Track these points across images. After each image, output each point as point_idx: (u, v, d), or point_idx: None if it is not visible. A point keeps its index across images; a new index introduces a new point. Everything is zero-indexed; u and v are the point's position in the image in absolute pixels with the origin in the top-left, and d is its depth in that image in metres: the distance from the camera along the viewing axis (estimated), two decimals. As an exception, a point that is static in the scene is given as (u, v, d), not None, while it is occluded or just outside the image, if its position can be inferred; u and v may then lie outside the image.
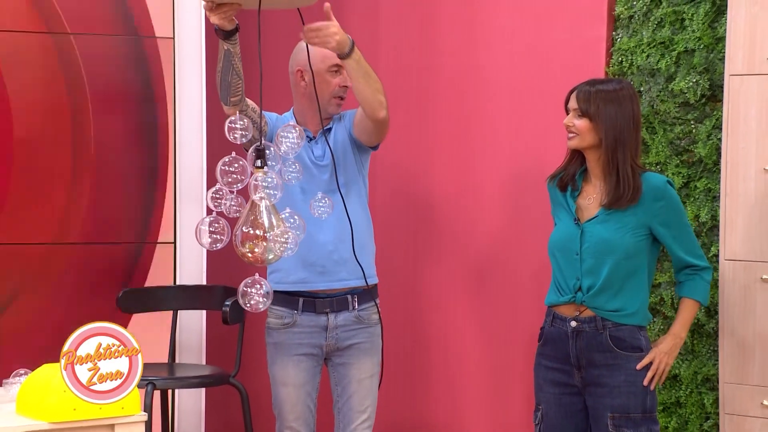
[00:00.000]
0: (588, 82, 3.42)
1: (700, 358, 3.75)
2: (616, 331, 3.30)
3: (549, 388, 3.41)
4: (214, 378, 4.07)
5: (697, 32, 3.73)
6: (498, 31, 4.21)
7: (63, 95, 4.29)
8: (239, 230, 2.91)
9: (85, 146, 4.33)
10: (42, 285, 4.28)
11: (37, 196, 4.25)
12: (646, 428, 3.28)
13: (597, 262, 3.32)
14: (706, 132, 3.73)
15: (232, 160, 2.92)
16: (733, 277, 3.51)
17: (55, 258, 4.28)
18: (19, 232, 4.23)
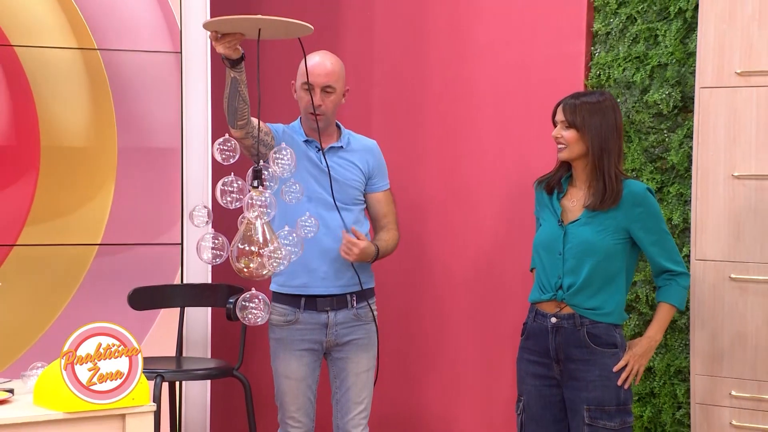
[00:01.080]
0: (573, 95, 3.42)
1: (673, 352, 3.76)
2: (593, 328, 3.31)
3: (530, 380, 3.42)
4: (219, 370, 4.04)
5: (669, 48, 3.75)
6: (484, 46, 4.21)
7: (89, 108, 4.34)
8: (235, 246, 2.92)
9: (109, 155, 4.36)
10: (58, 284, 4.33)
11: (63, 203, 4.28)
12: (620, 420, 3.29)
13: (578, 262, 3.33)
14: (678, 141, 3.75)
15: (231, 180, 2.97)
16: (704, 276, 3.52)
17: (75, 259, 4.32)
18: (44, 235, 4.27)
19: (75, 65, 4.31)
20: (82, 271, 4.34)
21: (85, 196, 4.34)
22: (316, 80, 3.66)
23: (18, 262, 4.25)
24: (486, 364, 4.25)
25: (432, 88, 4.37)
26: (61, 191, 4.29)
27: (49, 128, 4.28)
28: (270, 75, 4.51)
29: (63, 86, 4.29)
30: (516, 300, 4.12)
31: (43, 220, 4.27)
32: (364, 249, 3.60)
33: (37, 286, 4.26)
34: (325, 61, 3.71)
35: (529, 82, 4.09)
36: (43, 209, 4.27)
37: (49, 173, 4.28)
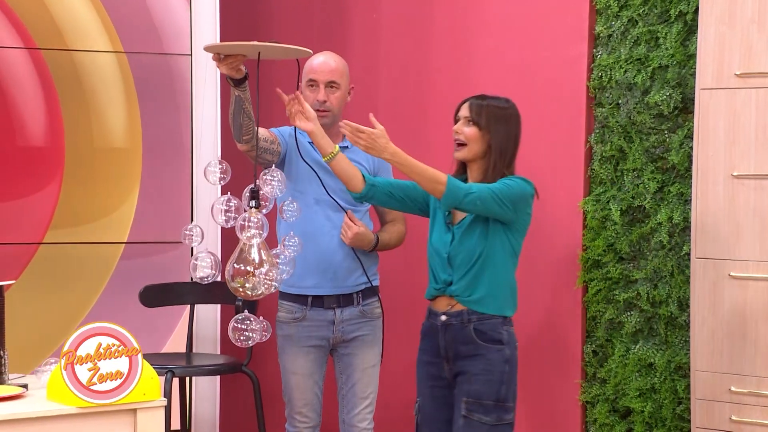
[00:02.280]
0: (479, 96, 3.39)
1: (673, 348, 3.78)
2: (480, 324, 3.28)
3: (425, 381, 3.39)
4: (228, 366, 4.06)
5: (670, 50, 3.76)
6: (488, 48, 4.22)
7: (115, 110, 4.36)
8: (230, 266, 2.93)
9: (131, 155, 4.38)
10: (71, 282, 4.34)
11: (87, 203, 4.31)
12: (496, 416, 3.24)
13: (465, 257, 3.29)
14: (679, 141, 3.76)
15: (227, 199, 2.98)
16: (703, 274, 3.53)
17: (88, 257, 4.34)
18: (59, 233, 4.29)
19: (101, 67, 4.33)
20: (110, 269, 4.36)
21: (111, 197, 4.36)
22: (321, 77, 3.68)
23: (44, 260, 4.26)
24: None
25: (437, 90, 4.38)
26: (86, 192, 4.31)
27: (73, 130, 4.30)
28: (275, 81, 4.52)
29: (88, 88, 4.31)
30: (520, 294, 4.12)
31: (68, 221, 4.30)
32: (359, 233, 3.61)
33: (63, 284, 4.27)
34: (329, 59, 3.73)
35: (533, 83, 4.10)
36: (68, 210, 4.28)
37: (74, 174, 4.30)
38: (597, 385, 3.95)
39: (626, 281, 3.88)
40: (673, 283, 3.77)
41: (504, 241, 3.33)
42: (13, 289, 4.17)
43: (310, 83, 3.68)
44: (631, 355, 3.84)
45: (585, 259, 3.96)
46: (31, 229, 4.25)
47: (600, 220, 3.92)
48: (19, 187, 4.26)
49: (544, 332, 4.08)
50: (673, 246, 3.78)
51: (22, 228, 4.25)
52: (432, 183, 3.24)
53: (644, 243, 3.85)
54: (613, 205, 3.88)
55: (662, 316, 3.80)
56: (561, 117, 4.02)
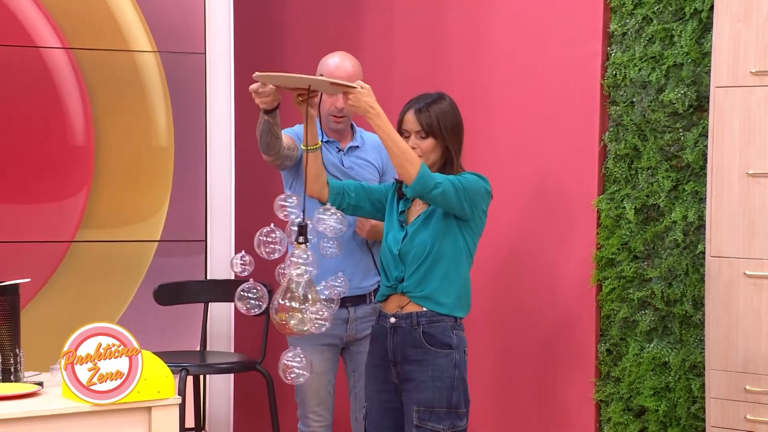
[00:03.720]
0: (416, 100, 3.28)
1: (688, 347, 3.76)
2: (429, 327, 3.20)
3: (373, 386, 3.31)
4: (242, 365, 4.07)
5: (685, 48, 3.74)
6: (501, 46, 4.22)
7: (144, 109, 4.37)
8: (276, 301, 2.91)
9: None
10: (76, 279, 4.35)
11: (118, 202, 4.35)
12: (449, 423, 3.16)
13: (416, 253, 3.22)
14: (694, 139, 3.74)
15: (269, 231, 2.95)
16: (718, 273, 3.52)
17: (90, 255, 4.36)
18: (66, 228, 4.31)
19: (131, 67, 4.35)
20: (143, 267, 4.38)
21: (142, 195, 4.38)
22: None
23: (77, 258, 4.30)
24: (502, 359, 4.24)
25: (450, 89, 4.29)
26: (116, 191, 4.34)
27: (103, 129, 4.31)
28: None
29: (116, 87, 4.33)
30: (532, 296, 4.12)
31: (98, 220, 4.32)
32: (375, 225, 3.59)
33: (97, 282, 4.28)
34: (345, 63, 3.70)
35: (546, 82, 4.10)
36: (98, 209, 4.30)
37: (104, 174, 4.31)
38: (611, 384, 3.93)
39: (640, 280, 3.87)
40: (687, 281, 3.75)
41: (458, 238, 3.26)
42: (46, 287, 4.22)
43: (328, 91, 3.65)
44: (646, 354, 3.83)
45: (599, 258, 3.94)
46: (64, 227, 4.29)
47: (614, 218, 3.91)
48: (53, 187, 4.28)
49: (558, 331, 4.07)
50: (687, 244, 3.76)
51: (57, 227, 4.28)
52: (406, 161, 3.14)
53: (658, 241, 3.84)
54: (627, 204, 3.87)
55: (677, 314, 3.78)
56: (575, 115, 4.01)
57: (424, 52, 4.47)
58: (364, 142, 3.80)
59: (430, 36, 4.45)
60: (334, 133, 3.73)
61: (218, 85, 4.43)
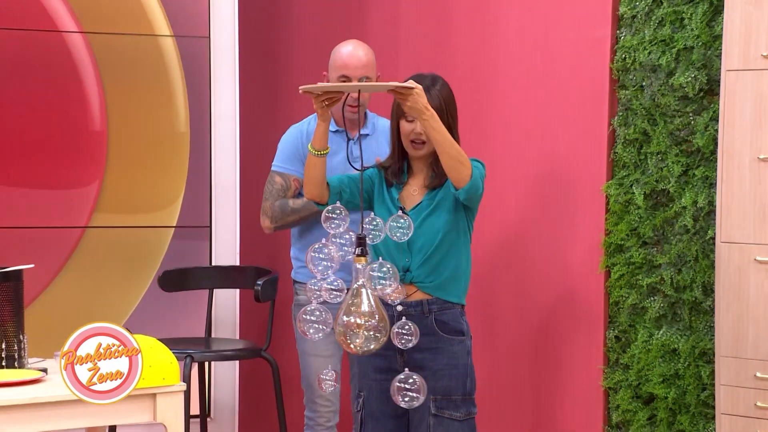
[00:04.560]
0: (420, 81, 3.11)
1: (698, 334, 3.75)
2: (441, 315, 3.17)
3: (371, 374, 3.24)
4: (247, 351, 4.08)
5: (695, 30, 3.71)
6: (510, 30, 4.19)
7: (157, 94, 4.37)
8: (341, 319, 2.85)
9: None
10: (91, 265, 4.35)
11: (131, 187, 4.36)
12: (465, 410, 3.16)
13: (426, 243, 3.17)
14: (704, 123, 3.72)
15: (321, 246, 2.91)
16: (728, 258, 3.50)
17: (105, 240, 4.35)
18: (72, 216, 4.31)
19: (146, 51, 4.34)
20: (160, 253, 4.40)
21: (154, 180, 4.38)
22: (354, 73, 3.64)
23: (91, 244, 4.32)
24: (510, 346, 4.22)
25: (458, 73, 4.36)
26: (130, 176, 4.34)
27: (117, 113, 4.31)
28: (300, 64, 4.51)
29: (131, 72, 4.32)
30: (540, 282, 4.11)
31: (111, 204, 4.33)
32: None
33: (114, 268, 4.30)
34: (359, 51, 3.68)
35: (555, 66, 4.07)
36: (112, 193, 4.31)
37: (118, 158, 4.31)
38: (620, 371, 3.92)
39: (650, 266, 3.85)
40: (697, 267, 3.74)
41: (464, 224, 3.24)
42: (62, 272, 4.25)
43: (343, 79, 3.62)
44: (655, 341, 3.81)
45: (608, 244, 3.93)
46: (81, 212, 4.31)
47: (623, 204, 3.89)
48: (68, 173, 4.30)
49: (566, 317, 4.06)
50: (697, 230, 3.74)
51: (74, 211, 4.30)
52: (460, 164, 3.08)
53: (668, 227, 3.82)
54: (636, 189, 3.85)
55: (686, 301, 3.77)
56: (584, 99, 3.99)
57: (432, 35, 4.45)
58: (375, 129, 3.78)
59: (438, 20, 4.43)
60: (348, 122, 3.70)
61: (223, 69, 4.43)
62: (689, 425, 3.74)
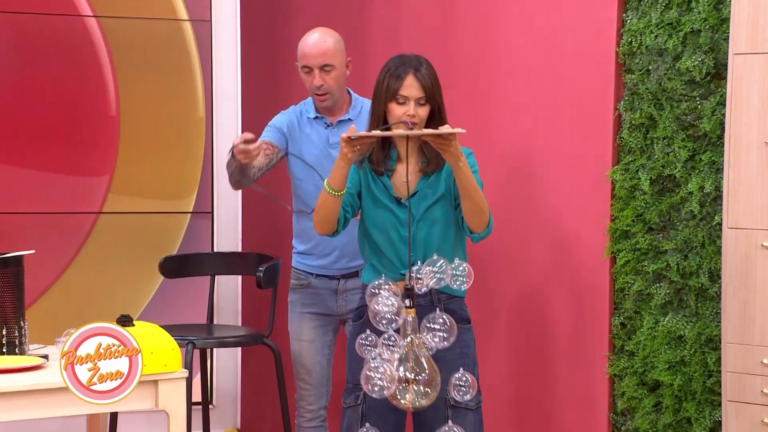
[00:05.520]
0: (410, 62, 3.12)
1: (704, 320, 3.73)
2: (449, 303, 3.15)
3: None
4: (249, 338, 4.08)
5: (702, 14, 3.69)
6: (515, 14, 4.17)
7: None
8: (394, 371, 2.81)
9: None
10: (93, 251, 4.34)
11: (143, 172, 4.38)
12: (476, 399, 3.16)
13: (425, 233, 3.15)
14: (711, 108, 3.70)
15: (366, 335, 2.88)
16: (735, 244, 3.48)
17: (104, 226, 4.36)
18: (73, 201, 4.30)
19: (158, 35, 4.34)
20: (177, 238, 4.42)
21: (167, 165, 4.38)
22: (313, 62, 3.70)
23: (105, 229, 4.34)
24: (515, 334, 4.21)
25: (462, 56, 4.36)
26: (141, 161, 4.35)
27: (129, 98, 4.31)
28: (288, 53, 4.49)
29: (143, 56, 4.32)
30: (545, 269, 4.11)
31: (124, 189, 4.35)
32: None
33: (128, 254, 4.32)
34: (319, 39, 3.73)
35: (560, 49, 4.05)
36: (124, 178, 4.34)
37: (129, 143, 4.31)
38: (625, 358, 3.91)
39: (655, 252, 3.83)
40: (703, 253, 3.72)
41: (459, 215, 3.21)
42: (78, 258, 4.28)
43: (305, 69, 3.71)
44: (660, 328, 3.80)
45: (613, 230, 3.91)
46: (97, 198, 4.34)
47: (629, 189, 3.87)
48: (82, 158, 4.31)
49: (572, 304, 4.05)
50: (704, 216, 3.73)
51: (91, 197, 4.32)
52: (482, 211, 3.10)
53: (674, 213, 3.80)
54: (642, 174, 3.83)
55: (692, 287, 3.75)
56: (589, 84, 3.97)
57: (435, 18, 4.42)
58: (361, 112, 3.79)
59: (441, 3, 4.41)
60: (324, 109, 3.75)
61: (224, 53, 4.43)
62: (695, 412, 3.73)
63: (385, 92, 3.15)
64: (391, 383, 2.83)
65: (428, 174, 3.20)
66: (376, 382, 2.85)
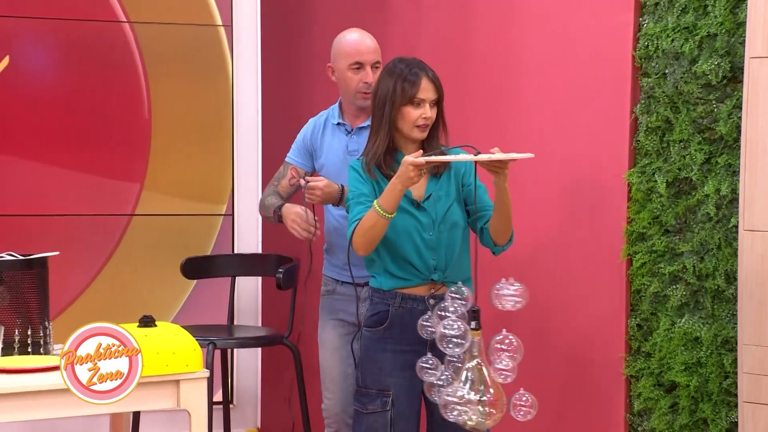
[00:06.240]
0: (416, 65, 3.19)
1: (720, 322, 3.71)
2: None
3: (398, 372, 3.19)
4: (269, 339, 4.10)
5: (719, 17, 3.67)
6: (531, 15, 4.17)
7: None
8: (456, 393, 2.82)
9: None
10: (127, 253, 4.38)
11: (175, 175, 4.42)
12: None
13: (447, 237, 3.18)
14: (727, 111, 3.68)
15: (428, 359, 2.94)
16: (752, 246, 3.45)
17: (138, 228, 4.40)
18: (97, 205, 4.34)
19: (191, 41, 4.38)
20: (210, 240, 4.47)
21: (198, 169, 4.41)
22: (367, 57, 3.65)
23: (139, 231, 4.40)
24: (532, 334, 4.20)
25: (479, 59, 4.38)
26: (174, 164, 4.37)
27: (161, 102, 4.34)
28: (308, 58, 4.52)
29: (175, 61, 4.35)
30: (562, 270, 4.10)
31: (157, 191, 4.38)
32: (324, 190, 3.53)
33: (162, 255, 4.34)
34: (365, 38, 3.72)
35: (577, 53, 4.05)
36: (157, 181, 4.38)
37: (161, 146, 4.35)
38: (641, 359, 3.90)
39: (672, 254, 3.82)
40: (720, 255, 3.71)
41: (479, 225, 3.26)
42: (113, 259, 4.35)
43: (355, 65, 3.64)
44: (677, 329, 3.79)
45: (629, 232, 3.90)
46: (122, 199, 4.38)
47: (645, 192, 3.87)
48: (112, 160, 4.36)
49: (588, 306, 4.04)
50: (720, 218, 3.71)
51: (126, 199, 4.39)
52: (510, 225, 3.18)
53: (690, 215, 3.79)
54: (658, 177, 3.82)
55: (709, 289, 3.74)
56: (606, 87, 3.96)
57: (452, 22, 4.43)
58: None
59: (458, 6, 4.42)
60: (360, 110, 3.71)
61: (245, 58, 4.45)
62: (711, 413, 3.72)
63: (401, 96, 3.18)
64: (469, 406, 2.83)
65: (437, 176, 3.21)
66: (454, 407, 2.86)
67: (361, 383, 3.27)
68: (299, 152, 3.79)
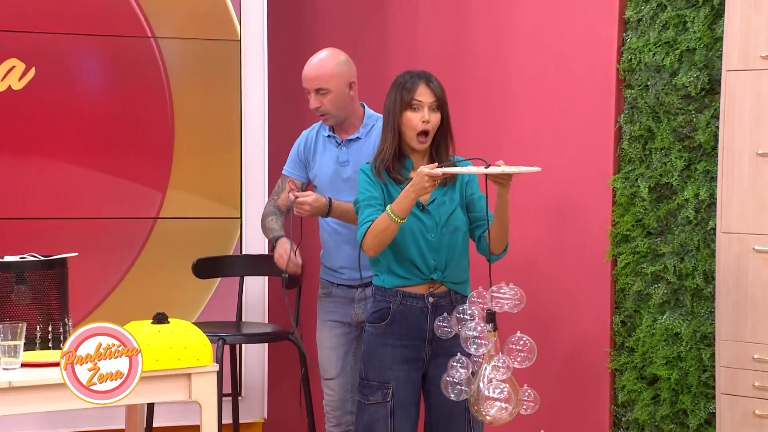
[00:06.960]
0: (417, 74, 3.20)
1: (699, 318, 3.75)
2: (463, 302, 3.16)
3: (398, 365, 3.22)
4: (276, 334, 4.08)
5: (697, 33, 3.71)
6: (523, 30, 4.21)
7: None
8: (474, 389, 2.87)
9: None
10: (141, 255, 4.41)
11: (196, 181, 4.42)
12: None
13: (448, 239, 3.21)
14: (706, 121, 3.71)
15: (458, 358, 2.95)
16: (728, 248, 3.50)
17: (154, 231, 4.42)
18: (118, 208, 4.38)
19: (211, 55, 4.39)
20: (232, 242, 4.45)
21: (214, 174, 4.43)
22: (308, 85, 3.69)
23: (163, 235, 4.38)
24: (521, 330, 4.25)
25: (473, 71, 4.39)
26: (194, 171, 4.37)
27: (183, 114, 4.36)
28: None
29: (196, 74, 4.38)
30: (550, 270, 4.14)
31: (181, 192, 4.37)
32: (312, 204, 3.53)
33: (189, 257, 4.31)
34: (317, 63, 3.69)
35: (565, 66, 4.09)
36: (179, 186, 4.37)
37: (183, 155, 4.37)
38: (625, 354, 3.94)
39: (654, 255, 3.86)
40: (699, 256, 3.75)
41: (477, 234, 3.31)
42: (138, 262, 4.33)
43: (306, 91, 3.71)
44: (658, 325, 3.83)
45: (614, 234, 3.95)
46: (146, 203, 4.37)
47: (629, 196, 3.91)
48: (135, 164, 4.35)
49: (575, 303, 4.08)
50: (699, 221, 3.75)
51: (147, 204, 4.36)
52: (506, 235, 3.20)
53: (671, 218, 3.83)
54: (641, 183, 3.87)
55: (688, 288, 3.78)
56: (592, 98, 4.00)
57: (448, 37, 4.47)
58: (370, 131, 3.74)
59: (454, 20, 4.45)
60: (348, 124, 3.73)
61: (253, 71, 4.45)
62: (691, 404, 3.75)
63: (400, 102, 3.22)
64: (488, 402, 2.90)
65: (444, 184, 3.26)
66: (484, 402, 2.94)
67: (363, 376, 3.32)
68: (294, 164, 3.83)
